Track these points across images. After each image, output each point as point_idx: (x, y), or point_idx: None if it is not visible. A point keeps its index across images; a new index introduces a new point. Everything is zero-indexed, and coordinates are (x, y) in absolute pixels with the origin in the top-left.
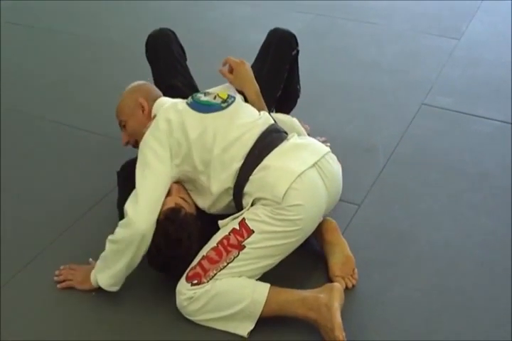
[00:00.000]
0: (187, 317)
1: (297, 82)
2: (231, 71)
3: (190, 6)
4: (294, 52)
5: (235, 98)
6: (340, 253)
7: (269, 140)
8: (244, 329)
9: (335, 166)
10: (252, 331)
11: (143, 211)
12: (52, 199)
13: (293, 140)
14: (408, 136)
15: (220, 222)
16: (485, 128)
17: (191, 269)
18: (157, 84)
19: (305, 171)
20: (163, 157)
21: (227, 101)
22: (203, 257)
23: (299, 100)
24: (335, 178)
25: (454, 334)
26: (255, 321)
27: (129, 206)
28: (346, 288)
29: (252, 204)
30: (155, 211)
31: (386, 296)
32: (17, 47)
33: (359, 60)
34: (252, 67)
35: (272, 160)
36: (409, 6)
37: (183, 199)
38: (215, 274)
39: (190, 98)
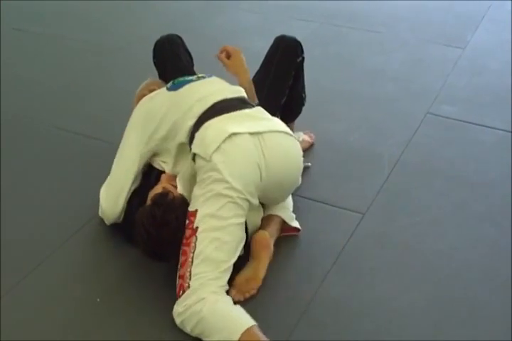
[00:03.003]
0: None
1: (302, 89)
2: (228, 57)
3: (196, 13)
4: (299, 59)
5: (212, 76)
6: (252, 270)
7: (228, 104)
8: None
9: (286, 145)
10: None
11: (111, 201)
12: (57, 206)
13: (251, 111)
14: (413, 144)
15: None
16: (489, 137)
17: (177, 287)
18: None
19: (238, 134)
20: (133, 143)
21: (202, 77)
22: (178, 269)
23: (303, 108)
24: (280, 153)
25: None
26: None
27: (102, 195)
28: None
29: (194, 160)
30: (122, 197)
31: (391, 306)
32: (23, 53)
33: (364, 68)
34: (258, 73)
35: (217, 120)
36: (414, 14)
37: (172, 185)
38: (190, 272)
39: (170, 82)
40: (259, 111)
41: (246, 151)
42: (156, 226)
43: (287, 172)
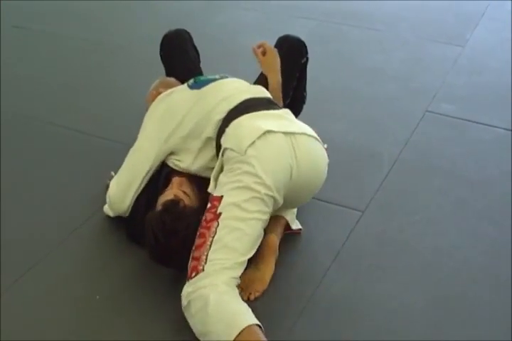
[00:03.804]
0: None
1: (304, 88)
2: (264, 54)
3: (197, 12)
4: (303, 60)
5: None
6: (259, 272)
7: (257, 103)
8: None
9: (316, 150)
10: None
11: (120, 194)
12: (57, 204)
13: (280, 112)
14: (412, 143)
15: (210, 189)
16: (489, 135)
17: (188, 268)
18: None
19: (273, 132)
20: (150, 140)
21: (225, 77)
22: (193, 250)
23: (303, 106)
24: (311, 157)
25: None
26: None
27: (112, 186)
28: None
29: (222, 155)
30: (131, 192)
31: (390, 304)
32: (23, 51)
33: (364, 66)
34: (262, 74)
35: (249, 117)
36: (414, 13)
37: (184, 192)
38: (207, 256)
39: (192, 80)
40: (288, 113)
41: (280, 150)
42: (165, 233)
43: (315, 176)
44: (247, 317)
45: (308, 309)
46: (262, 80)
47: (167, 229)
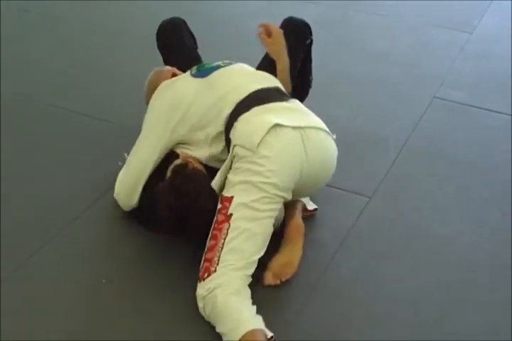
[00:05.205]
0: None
1: (310, 72)
2: (269, 35)
3: None
4: (308, 41)
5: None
6: (287, 255)
7: (266, 95)
8: None
9: (327, 144)
10: None
11: (128, 189)
12: (61, 188)
13: (289, 104)
14: (419, 128)
15: (213, 184)
16: (496, 122)
17: (200, 269)
18: None
19: (283, 127)
20: (155, 131)
21: (229, 63)
22: (205, 252)
23: (309, 91)
24: (322, 152)
25: (463, 327)
26: None
27: (118, 183)
28: (263, 284)
29: (232, 152)
30: (139, 186)
31: (395, 288)
32: (29, 34)
33: (370, 51)
34: (266, 56)
35: (257, 111)
36: None
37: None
38: (219, 257)
39: (194, 68)
40: (297, 104)
41: (291, 147)
42: (176, 196)
43: (325, 171)
44: (252, 322)
45: (316, 292)
46: (267, 63)
47: (178, 191)
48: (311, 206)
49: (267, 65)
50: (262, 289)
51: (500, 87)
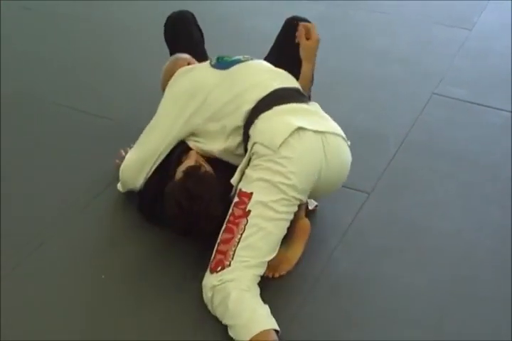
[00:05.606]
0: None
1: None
2: (307, 39)
3: None
4: None
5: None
6: (288, 253)
7: (287, 94)
8: None
9: (344, 151)
10: None
11: (134, 171)
12: (61, 185)
13: (309, 107)
14: (419, 125)
15: (232, 180)
16: (495, 119)
17: (212, 260)
18: None
19: (306, 130)
20: (170, 116)
21: (250, 59)
22: (218, 243)
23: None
24: (340, 158)
25: (464, 323)
26: None
27: (125, 162)
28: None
29: (251, 149)
30: (146, 169)
31: (394, 284)
32: (33, 32)
33: (370, 49)
34: (269, 56)
35: (280, 111)
36: None
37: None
38: (234, 251)
39: (214, 59)
40: (316, 107)
41: (312, 151)
42: (189, 199)
43: (340, 176)
44: (267, 321)
45: (315, 288)
46: (283, 60)
47: (191, 193)
48: (311, 205)
49: (287, 63)
50: (262, 284)
51: (499, 84)
